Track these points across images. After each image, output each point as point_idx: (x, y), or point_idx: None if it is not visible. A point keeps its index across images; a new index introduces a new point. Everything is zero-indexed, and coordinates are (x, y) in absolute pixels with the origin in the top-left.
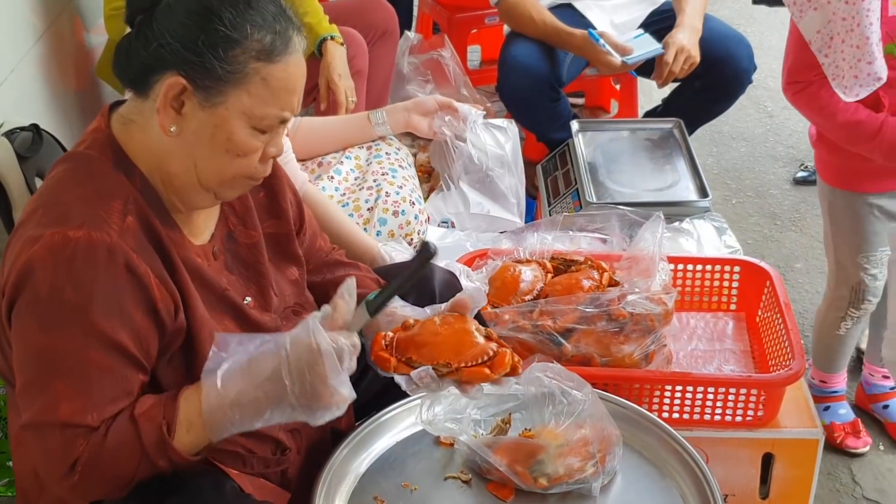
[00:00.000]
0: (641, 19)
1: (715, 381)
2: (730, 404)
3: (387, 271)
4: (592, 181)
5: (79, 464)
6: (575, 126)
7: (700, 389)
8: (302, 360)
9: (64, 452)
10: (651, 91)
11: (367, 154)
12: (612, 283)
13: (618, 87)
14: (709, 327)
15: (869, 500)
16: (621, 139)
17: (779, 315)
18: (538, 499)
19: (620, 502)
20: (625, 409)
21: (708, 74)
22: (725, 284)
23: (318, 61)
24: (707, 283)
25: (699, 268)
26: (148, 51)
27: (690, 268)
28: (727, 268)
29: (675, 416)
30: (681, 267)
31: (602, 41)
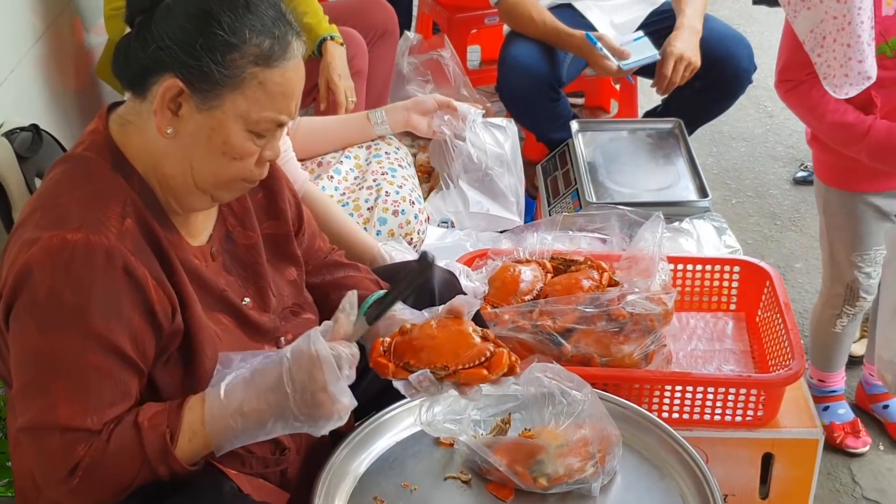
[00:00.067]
0: (641, 19)
1: (715, 381)
2: (729, 404)
3: (386, 271)
4: (592, 181)
5: (79, 468)
6: (575, 126)
7: (700, 389)
8: (303, 369)
9: (64, 456)
10: (651, 91)
11: (366, 153)
12: (612, 283)
13: (618, 88)
14: (708, 327)
15: (869, 500)
16: (621, 139)
17: (778, 315)
18: (538, 499)
19: (620, 502)
20: (624, 410)
21: (708, 74)
22: (725, 284)
23: (317, 61)
24: (707, 283)
25: (699, 268)
26: (146, 52)
27: (690, 268)
28: (727, 268)
29: (675, 416)
30: (680, 267)
31: (599, 45)
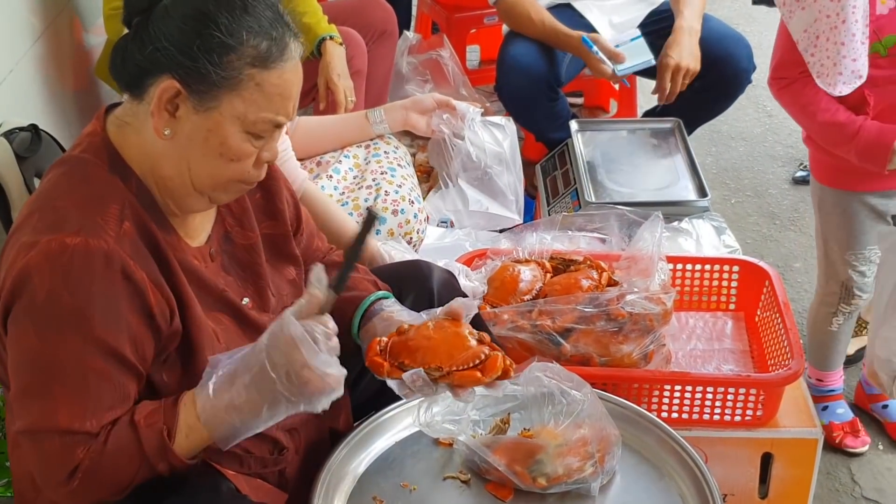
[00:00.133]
0: (640, 19)
1: (714, 381)
2: (729, 404)
3: (385, 271)
4: (591, 181)
5: (79, 471)
6: (574, 126)
7: (699, 389)
8: (281, 352)
9: (62, 459)
10: (650, 90)
11: (365, 153)
12: (611, 283)
13: (617, 87)
14: (708, 327)
15: (868, 500)
16: (620, 139)
17: (778, 315)
18: (537, 499)
19: (619, 502)
20: (624, 409)
21: (707, 74)
22: (724, 284)
23: (316, 61)
24: (706, 283)
25: (698, 267)
26: (143, 54)
27: (689, 267)
28: (726, 267)
29: (674, 415)
30: (680, 266)
31: (595, 48)
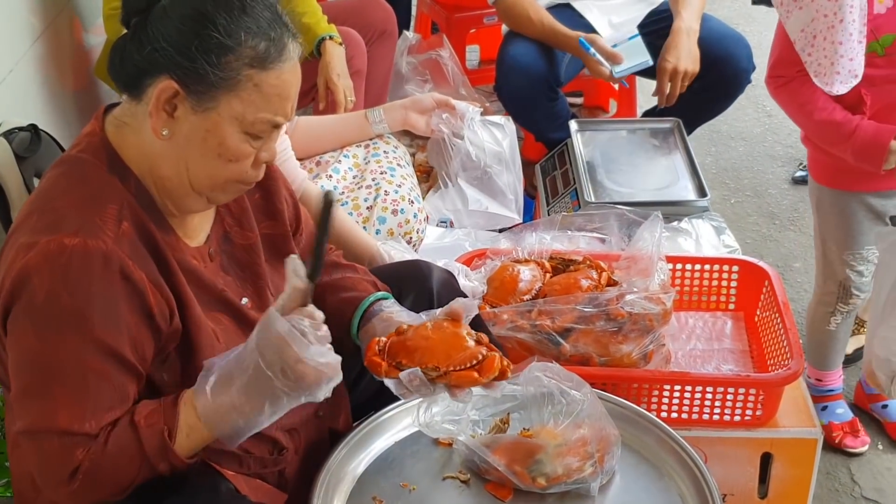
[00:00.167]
0: (640, 19)
1: (713, 381)
2: (728, 404)
3: (385, 270)
4: (591, 181)
5: (79, 472)
6: (573, 126)
7: (699, 389)
8: (272, 350)
9: (62, 459)
10: (650, 90)
11: (364, 153)
12: (611, 283)
13: (616, 87)
14: (707, 327)
15: (868, 500)
16: (620, 139)
17: (777, 314)
18: (537, 499)
19: (619, 502)
20: (623, 409)
21: (707, 74)
22: (724, 284)
23: (316, 61)
24: (706, 283)
25: (698, 267)
26: (142, 54)
27: (689, 267)
28: (726, 267)
29: (674, 415)
30: (679, 266)
31: (592, 50)
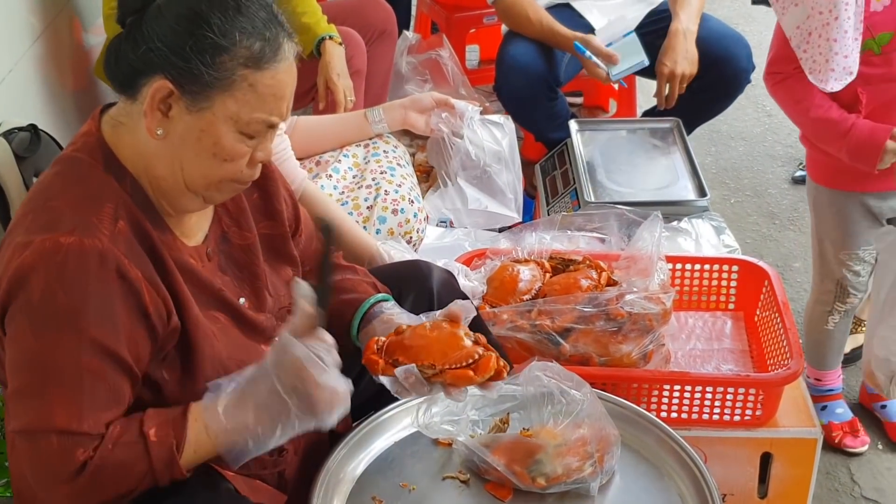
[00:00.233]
0: (639, 20)
1: (713, 381)
2: (728, 404)
3: (385, 270)
4: (591, 181)
5: (85, 472)
6: (573, 125)
7: (698, 389)
8: (290, 375)
9: (61, 459)
10: (650, 90)
11: (364, 152)
12: (611, 283)
13: (616, 87)
14: (707, 327)
15: (868, 500)
16: (620, 138)
17: (777, 314)
18: (536, 498)
19: (619, 502)
20: (623, 409)
21: (706, 74)
22: (724, 284)
23: (316, 61)
24: (705, 283)
25: (697, 267)
26: (136, 54)
27: (689, 267)
28: (725, 267)
29: (674, 415)
30: (679, 266)
31: (588, 53)
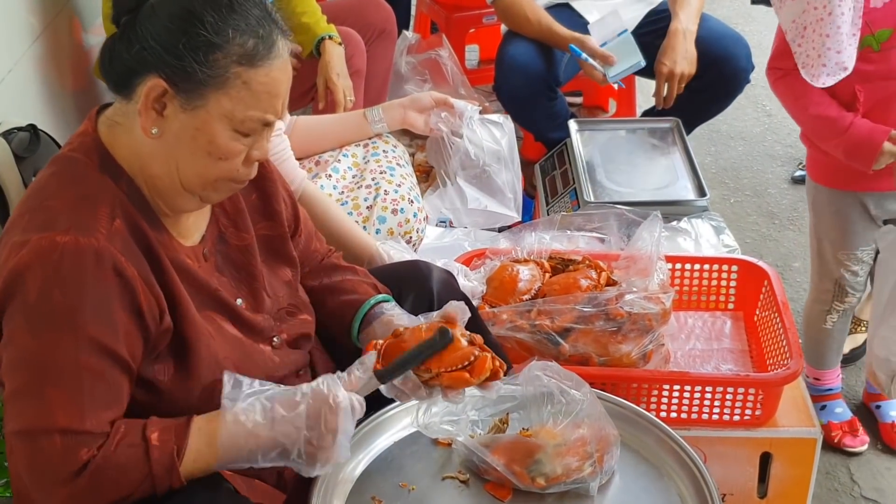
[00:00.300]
0: (639, 20)
1: (713, 381)
2: (728, 404)
3: (384, 271)
4: (590, 180)
5: (84, 473)
6: (573, 125)
7: (698, 389)
8: (321, 411)
9: (65, 459)
10: (649, 90)
11: (363, 152)
12: (610, 283)
13: (616, 87)
14: (707, 326)
15: (867, 500)
16: (619, 138)
17: (777, 314)
18: (536, 498)
19: (618, 502)
20: (623, 409)
21: (706, 74)
22: (723, 284)
23: (315, 61)
24: (705, 283)
25: (697, 267)
26: (130, 53)
27: (688, 267)
28: (725, 267)
29: (673, 415)
30: (679, 266)
31: (584, 55)
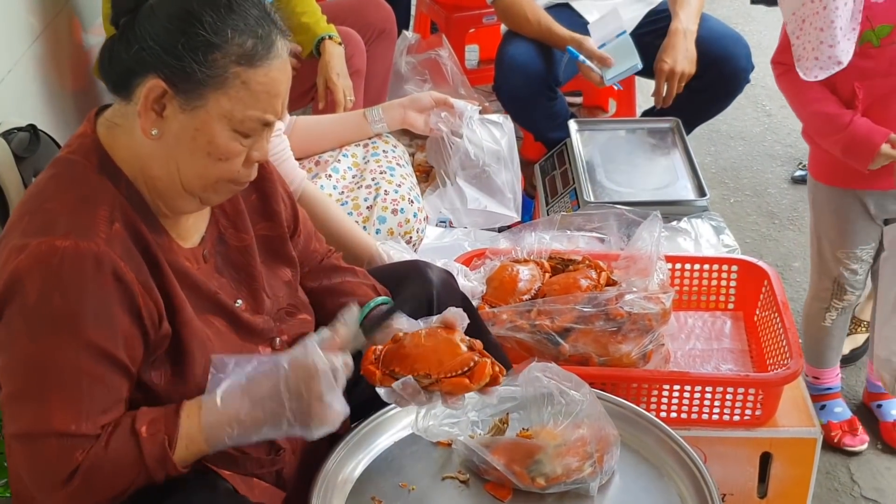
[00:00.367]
0: (638, 20)
1: (713, 381)
2: (728, 404)
3: (384, 271)
4: (590, 180)
5: (78, 473)
6: (573, 125)
7: (698, 389)
8: (299, 379)
9: (61, 462)
10: (649, 90)
11: (363, 152)
12: (610, 283)
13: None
14: (707, 326)
15: (867, 500)
16: (619, 138)
17: (776, 314)
18: (536, 499)
19: (618, 502)
20: (623, 409)
21: (706, 74)
22: (723, 283)
23: (315, 61)
24: (705, 283)
25: (697, 267)
26: (129, 54)
27: (688, 267)
28: (725, 267)
29: (673, 415)
30: (678, 266)
31: (581, 57)
